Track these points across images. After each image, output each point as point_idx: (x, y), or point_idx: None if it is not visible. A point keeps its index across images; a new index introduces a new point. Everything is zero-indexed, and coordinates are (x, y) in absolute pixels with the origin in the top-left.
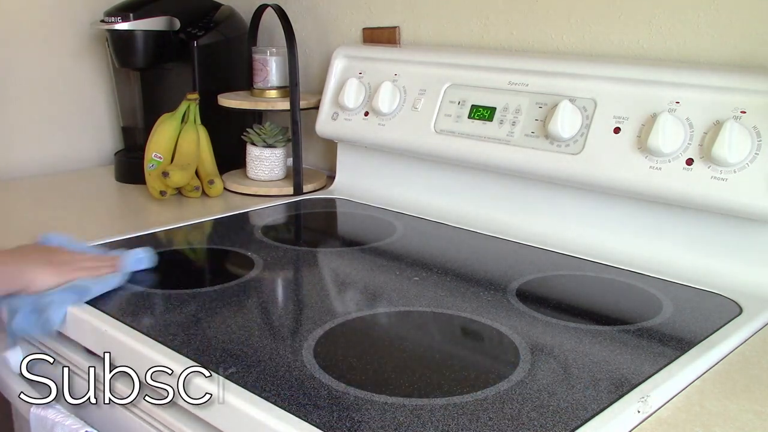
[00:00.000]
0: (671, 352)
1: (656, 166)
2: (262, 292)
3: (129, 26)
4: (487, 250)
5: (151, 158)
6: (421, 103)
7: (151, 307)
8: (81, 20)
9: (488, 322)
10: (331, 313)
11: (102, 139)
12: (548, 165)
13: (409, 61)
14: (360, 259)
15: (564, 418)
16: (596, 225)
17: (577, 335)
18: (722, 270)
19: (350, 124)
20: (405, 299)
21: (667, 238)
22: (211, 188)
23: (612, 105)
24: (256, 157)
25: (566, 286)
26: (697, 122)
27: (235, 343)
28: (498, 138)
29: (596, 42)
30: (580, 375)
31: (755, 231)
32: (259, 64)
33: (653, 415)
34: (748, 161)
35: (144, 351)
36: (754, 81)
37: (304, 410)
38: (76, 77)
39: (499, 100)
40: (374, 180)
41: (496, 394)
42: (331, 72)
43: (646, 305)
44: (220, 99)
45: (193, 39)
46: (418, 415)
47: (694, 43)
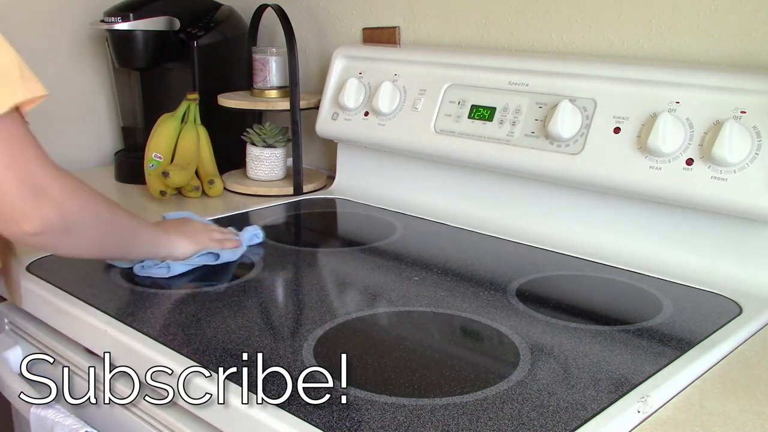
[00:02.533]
0: (671, 352)
1: (656, 166)
2: (262, 292)
3: (129, 26)
4: (487, 250)
5: (151, 158)
6: (421, 103)
7: (151, 307)
8: (81, 20)
9: (488, 322)
10: (331, 313)
11: (102, 139)
12: (548, 165)
13: (409, 61)
14: (360, 259)
15: (564, 418)
16: (596, 225)
17: (577, 335)
18: (722, 270)
19: (350, 124)
20: (405, 299)
21: (667, 238)
22: (211, 188)
23: (612, 105)
24: (256, 157)
25: (566, 286)
26: (697, 122)
27: (235, 343)
28: (498, 138)
29: (596, 42)
30: (580, 375)
31: (755, 231)
32: (259, 64)
33: (653, 415)
34: (748, 161)
35: (144, 351)
36: (754, 81)
37: (304, 410)
38: (76, 77)
39: (499, 100)
40: (374, 180)
41: (496, 394)
42: (331, 72)
43: (646, 305)
44: (220, 99)
45: (193, 39)
46: (418, 415)
47: (694, 43)
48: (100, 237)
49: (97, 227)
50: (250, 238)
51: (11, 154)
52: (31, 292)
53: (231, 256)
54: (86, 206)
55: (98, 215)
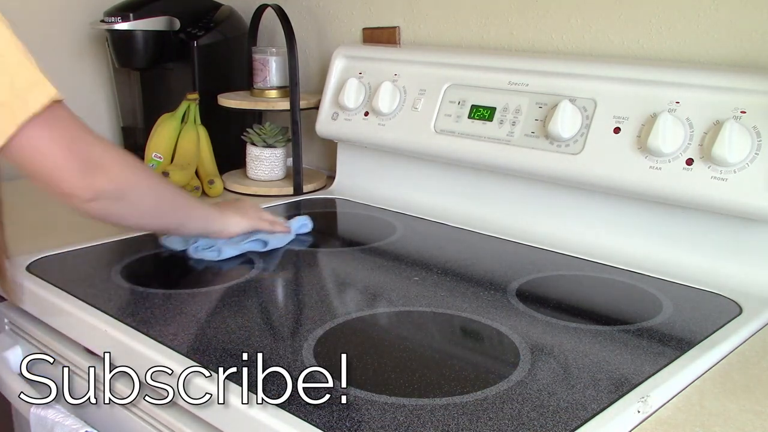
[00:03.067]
0: (671, 352)
1: (656, 166)
2: (262, 292)
3: (129, 26)
4: (487, 250)
5: (151, 158)
6: (421, 103)
7: (151, 307)
8: (81, 20)
9: (488, 322)
10: (331, 313)
11: None
12: (548, 165)
13: (409, 61)
14: (360, 259)
15: (564, 418)
16: (596, 225)
17: (577, 335)
18: (722, 270)
19: (350, 124)
20: (405, 299)
21: (667, 238)
22: (211, 188)
23: (612, 105)
24: (256, 157)
25: (566, 286)
26: (697, 122)
27: (235, 343)
28: (498, 138)
29: (596, 42)
30: (580, 375)
31: (755, 231)
32: (259, 64)
33: (653, 415)
34: (748, 161)
35: (144, 351)
36: (754, 81)
37: (304, 410)
38: (76, 77)
39: (499, 100)
40: (374, 180)
41: (496, 394)
42: (331, 72)
43: (646, 305)
44: (220, 99)
45: (193, 39)
46: (418, 415)
47: (694, 43)
48: (154, 205)
49: (150, 196)
50: (299, 227)
51: (65, 134)
52: (31, 292)
53: (279, 243)
54: (138, 176)
55: (151, 185)
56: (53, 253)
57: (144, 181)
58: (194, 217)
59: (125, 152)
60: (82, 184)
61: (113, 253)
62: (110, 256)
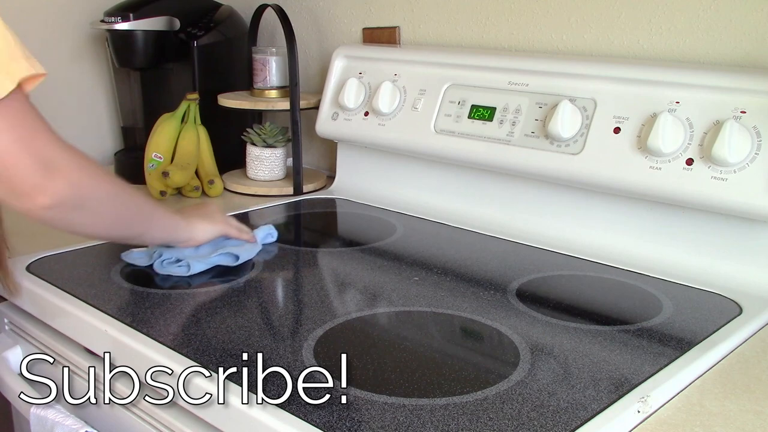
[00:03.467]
0: (671, 352)
1: (656, 166)
2: (262, 292)
3: (129, 26)
4: (487, 250)
5: (151, 158)
6: (421, 103)
7: (151, 307)
8: (81, 20)
9: (488, 322)
10: (331, 313)
11: (102, 139)
12: (548, 165)
13: (409, 61)
14: (360, 259)
15: (564, 418)
16: (596, 225)
17: (577, 335)
18: (722, 270)
19: (350, 124)
20: (405, 299)
21: (666, 238)
22: (211, 188)
23: (612, 105)
24: (256, 157)
25: (566, 286)
26: (697, 122)
27: (235, 343)
28: (498, 138)
29: (596, 42)
30: (580, 375)
31: (755, 231)
32: (259, 64)
33: (653, 415)
34: (748, 161)
35: (144, 351)
36: (754, 81)
37: (304, 410)
38: (76, 77)
39: (499, 100)
40: (374, 180)
41: (496, 394)
42: (331, 72)
43: (646, 305)
44: (220, 99)
45: (193, 39)
46: (418, 415)
47: (694, 43)
48: (115, 213)
49: (110, 203)
50: (264, 236)
51: (21, 129)
52: (31, 292)
53: (248, 255)
54: (98, 181)
55: (111, 191)
56: (53, 253)
57: (104, 187)
58: (159, 227)
59: (83, 154)
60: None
61: (113, 253)
62: (110, 256)
